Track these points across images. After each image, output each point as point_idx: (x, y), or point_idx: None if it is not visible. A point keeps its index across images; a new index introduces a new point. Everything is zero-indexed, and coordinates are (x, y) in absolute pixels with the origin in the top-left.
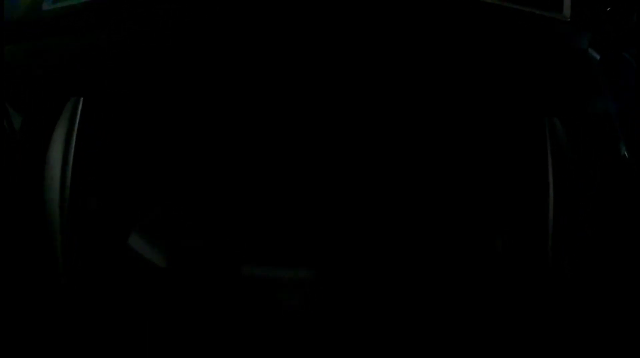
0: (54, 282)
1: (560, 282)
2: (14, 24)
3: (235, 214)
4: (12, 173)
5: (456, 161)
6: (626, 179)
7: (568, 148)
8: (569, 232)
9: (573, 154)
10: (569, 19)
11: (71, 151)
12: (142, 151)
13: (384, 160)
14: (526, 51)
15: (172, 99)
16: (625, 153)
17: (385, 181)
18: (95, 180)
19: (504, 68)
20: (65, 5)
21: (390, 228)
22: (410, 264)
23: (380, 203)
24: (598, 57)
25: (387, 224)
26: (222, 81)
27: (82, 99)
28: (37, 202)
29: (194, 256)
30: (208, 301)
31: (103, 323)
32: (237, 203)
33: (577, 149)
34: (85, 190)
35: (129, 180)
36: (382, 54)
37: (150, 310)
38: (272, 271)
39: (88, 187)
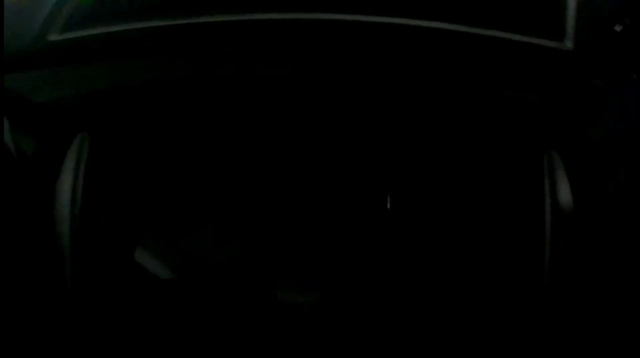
0: (63, 300)
1: (555, 285)
2: (19, 52)
3: (240, 222)
4: (22, 201)
5: (455, 177)
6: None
7: (566, 183)
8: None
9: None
10: (571, 49)
11: (80, 182)
12: (149, 178)
13: (382, 162)
14: (524, 86)
15: (178, 132)
16: (624, 176)
17: (383, 182)
18: (103, 207)
19: (502, 104)
20: (72, 37)
21: (388, 225)
22: (411, 266)
23: (378, 202)
24: (601, 83)
25: (384, 221)
26: (228, 121)
27: (89, 135)
28: (48, 228)
29: (197, 267)
30: (213, 304)
31: (109, 333)
32: (240, 213)
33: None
34: (93, 216)
35: (136, 204)
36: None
37: (155, 318)
38: (277, 273)
39: (96, 213)
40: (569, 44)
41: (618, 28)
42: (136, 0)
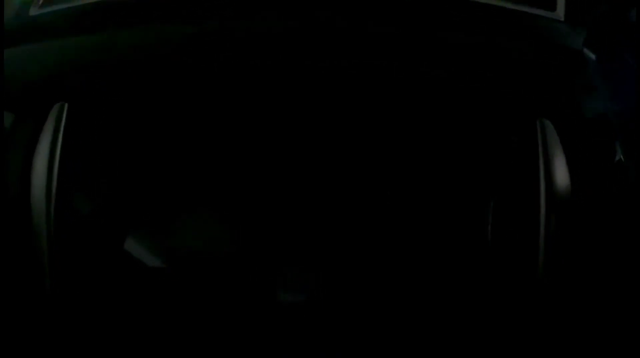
0: (41, 289)
1: (551, 282)
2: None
3: (234, 212)
4: None
5: (447, 156)
6: (621, 183)
7: (560, 153)
8: (560, 234)
9: (566, 155)
10: (562, 18)
11: (56, 156)
12: (132, 152)
13: (377, 157)
14: (518, 50)
15: (163, 105)
16: (622, 156)
17: (380, 177)
18: (83, 184)
19: (496, 68)
20: (52, 10)
21: (386, 221)
22: (406, 257)
23: (375, 199)
24: (594, 57)
25: (382, 218)
26: (216, 88)
27: (66, 105)
28: (22, 207)
29: (191, 256)
30: (207, 299)
31: (96, 328)
32: (235, 201)
33: (570, 150)
34: (71, 194)
35: (119, 183)
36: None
37: (146, 312)
38: (273, 268)
39: (74, 192)
40: (560, 14)
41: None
42: None
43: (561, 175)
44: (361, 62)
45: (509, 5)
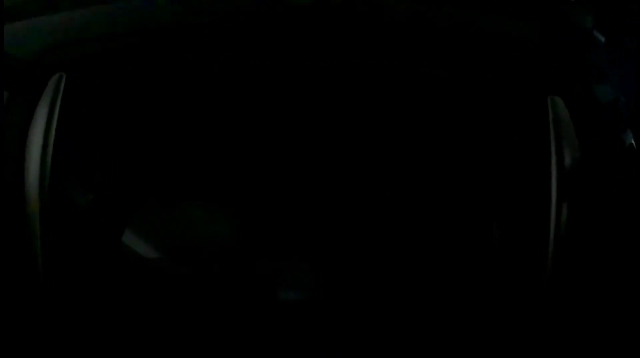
0: (34, 283)
1: (559, 273)
2: None
3: (234, 209)
4: None
5: (455, 143)
6: (634, 169)
7: (572, 132)
8: (571, 223)
9: (578, 139)
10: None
11: (52, 134)
12: (132, 134)
13: (378, 154)
14: (529, 29)
15: (163, 94)
16: (633, 141)
17: (381, 175)
18: (79, 168)
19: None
20: None
21: (387, 220)
22: (407, 256)
23: (376, 197)
24: (603, 39)
25: (383, 217)
26: (216, 71)
27: (64, 76)
28: (15, 192)
29: (191, 253)
30: (206, 297)
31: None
32: (235, 197)
33: (581, 135)
34: (67, 180)
35: (117, 169)
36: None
37: (143, 309)
38: (271, 266)
39: (70, 176)
40: None
41: None
42: None
43: (573, 154)
44: (361, 62)
45: None
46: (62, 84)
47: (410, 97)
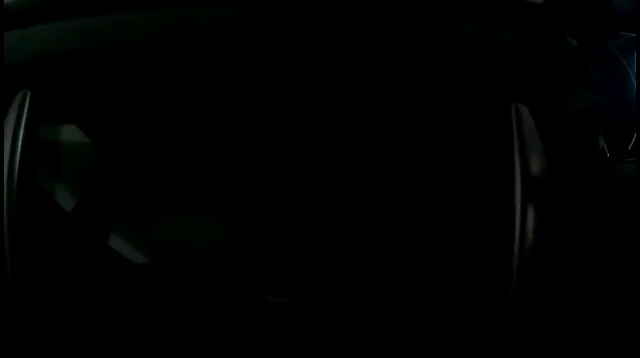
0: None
1: (526, 280)
2: None
3: (227, 211)
4: None
5: (442, 154)
6: (604, 175)
7: (537, 139)
8: (536, 230)
9: (544, 147)
10: (542, 1)
11: (17, 149)
12: (121, 138)
13: (372, 156)
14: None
15: (151, 96)
16: (605, 146)
17: (374, 177)
18: (53, 178)
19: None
20: None
21: (382, 221)
22: (402, 258)
23: (371, 199)
24: (574, 43)
25: (378, 218)
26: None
27: (29, 93)
28: None
29: (182, 256)
30: (199, 301)
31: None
32: (228, 199)
33: (548, 142)
34: (34, 191)
35: (102, 178)
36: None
37: (133, 315)
38: (262, 269)
39: (43, 186)
40: None
41: None
42: None
43: (538, 162)
44: (361, 62)
45: None
46: (27, 101)
47: (401, 100)
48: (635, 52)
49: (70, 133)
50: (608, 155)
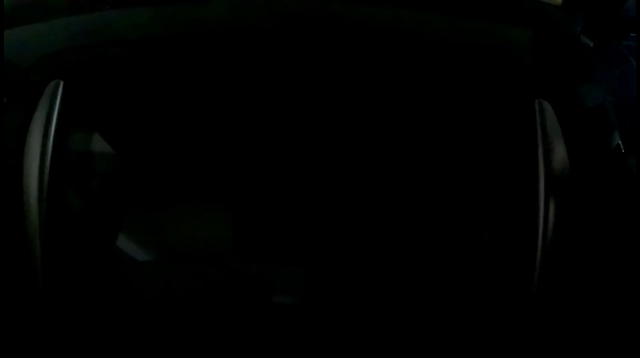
0: (33, 288)
1: (548, 276)
2: None
3: (230, 210)
4: None
5: (442, 149)
6: (621, 172)
7: (560, 135)
8: (559, 226)
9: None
10: (560, 3)
11: (50, 139)
12: (129, 136)
13: (373, 156)
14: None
15: (159, 95)
16: (620, 143)
17: (375, 177)
18: (78, 172)
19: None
20: None
21: (380, 220)
22: (402, 258)
23: (369, 196)
24: (591, 44)
25: (376, 217)
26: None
27: (62, 83)
28: (14, 198)
29: (186, 255)
30: (202, 300)
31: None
32: (231, 199)
33: (569, 138)
34: (66, 183)
35: (116, 173)
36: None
37: (138, 312)
38: (265, 267)
39: (70, 180)
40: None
41: None
42: None
43: (561, 157)
44: (360, 62)
45: None
46: (60, 91)
47: (401, 101)
48: None
49: (99, 129)
50: (623, 151)
